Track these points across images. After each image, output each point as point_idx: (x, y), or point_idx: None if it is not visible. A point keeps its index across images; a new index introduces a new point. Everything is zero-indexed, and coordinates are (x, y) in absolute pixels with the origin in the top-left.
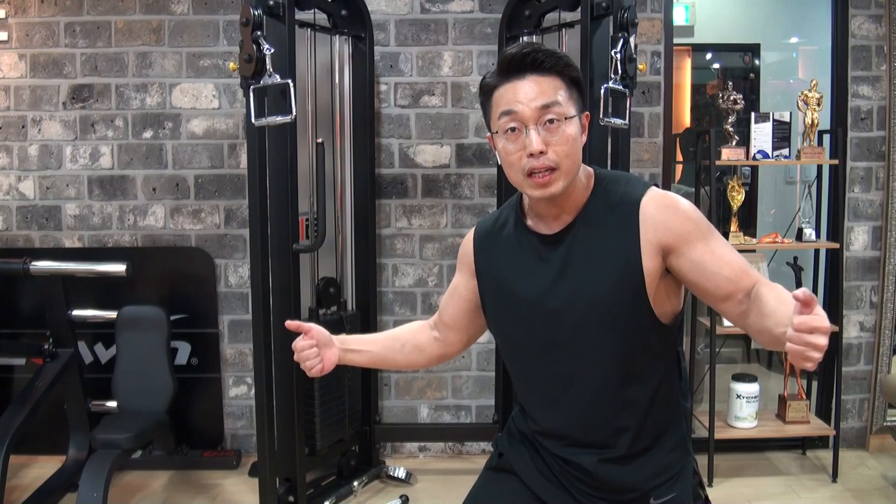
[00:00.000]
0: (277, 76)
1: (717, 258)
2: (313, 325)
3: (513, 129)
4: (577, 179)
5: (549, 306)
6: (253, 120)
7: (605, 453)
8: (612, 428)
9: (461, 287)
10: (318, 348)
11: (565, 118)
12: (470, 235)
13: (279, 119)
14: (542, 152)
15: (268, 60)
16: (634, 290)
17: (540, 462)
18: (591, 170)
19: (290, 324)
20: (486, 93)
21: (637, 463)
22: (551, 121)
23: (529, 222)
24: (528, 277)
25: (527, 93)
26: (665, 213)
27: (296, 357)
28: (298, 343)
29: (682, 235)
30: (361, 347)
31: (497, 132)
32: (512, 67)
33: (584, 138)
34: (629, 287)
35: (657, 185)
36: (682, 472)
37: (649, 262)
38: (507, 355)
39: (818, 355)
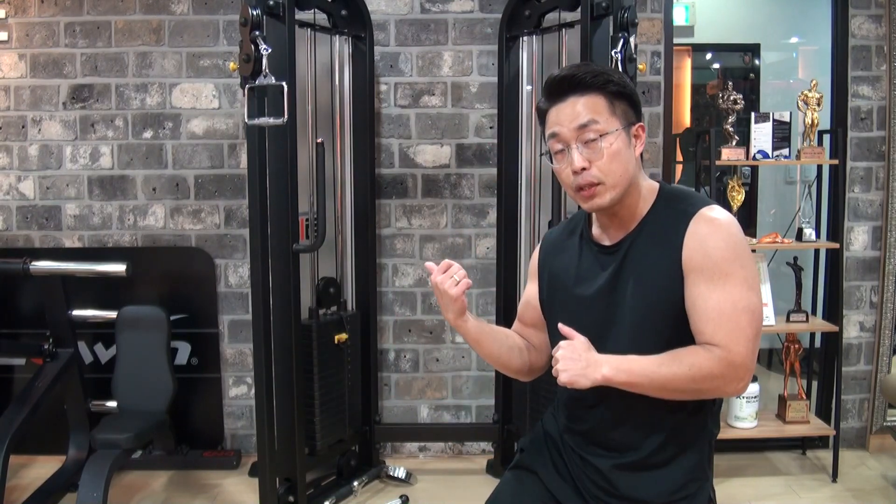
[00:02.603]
0: (273, 77)
1: (709, 306)
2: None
3: (560, 151)
4: (634, 192)
5: (600, 309)
6: (247, 119)
7: (625, 457)
8: (640, 430)
9: (532, 297)
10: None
11: (603, 135)
12: (542, 242)
13: (271, 121)
14: (584, 169)
15: (264, 61)
16: (675, 303)
17: (559, 461)
18: (656, 184)
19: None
20: (541, 116)
21: (653, 475)
22: (591, 139)
23: (594, 231)
24: (585, 281)
25: (567, 115)
26: (704, 232)
27: (439, 288)
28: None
29: (698, 265)
30: (477, 321)
31: (550, 153)
32: (554, 91)
33: (641, 148)
34: (671, 299)
35: (719, 206)
36: (698, 494)
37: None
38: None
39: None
